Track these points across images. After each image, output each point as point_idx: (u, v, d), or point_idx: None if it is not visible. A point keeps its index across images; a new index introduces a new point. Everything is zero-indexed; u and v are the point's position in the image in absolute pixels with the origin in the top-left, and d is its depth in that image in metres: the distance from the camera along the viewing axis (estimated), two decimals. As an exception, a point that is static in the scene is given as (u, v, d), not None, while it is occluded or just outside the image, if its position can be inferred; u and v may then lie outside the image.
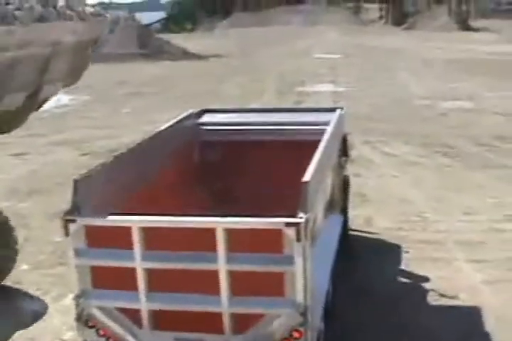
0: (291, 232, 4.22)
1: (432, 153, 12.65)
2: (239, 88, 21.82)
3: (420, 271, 7.34)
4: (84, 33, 5.59)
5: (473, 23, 52.37)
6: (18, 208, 9.64)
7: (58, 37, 5.23)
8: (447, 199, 9.81)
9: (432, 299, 6.75)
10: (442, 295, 6.79)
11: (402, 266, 7.57)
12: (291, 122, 7.66)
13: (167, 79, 25.13)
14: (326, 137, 5.97)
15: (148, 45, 36.80)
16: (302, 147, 6.14)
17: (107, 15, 5.88)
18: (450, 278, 7.20)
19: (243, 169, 7.38)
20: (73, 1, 5.28)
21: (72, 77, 5.95)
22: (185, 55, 35.34)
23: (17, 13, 4.65)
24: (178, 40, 40.50)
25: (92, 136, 14.58)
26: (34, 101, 5.56)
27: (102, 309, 4.68)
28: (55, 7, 5.05)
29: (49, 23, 4.99)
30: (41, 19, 4.86)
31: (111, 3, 57.30)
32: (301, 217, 4.27)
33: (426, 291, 6.90)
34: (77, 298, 4.69)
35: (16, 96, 5.24)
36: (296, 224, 4.22)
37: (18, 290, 6.84)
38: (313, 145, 5.61)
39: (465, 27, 51.50)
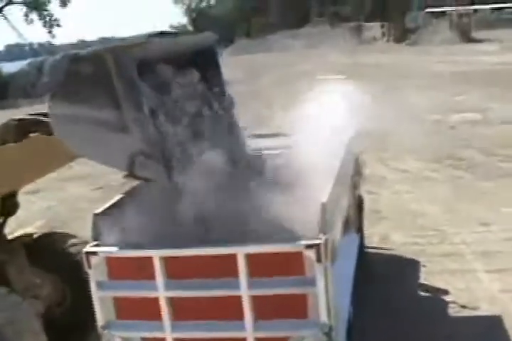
0: (311, 254, 4.26)
1: (443, 167, 12.66)
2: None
3: (438, 284, 7.38)
4: None
5: (476, 34, 52.23)
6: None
7: None
8: (461, 211, 9.81)
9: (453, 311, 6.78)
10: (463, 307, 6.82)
11: (421, 280, 7.58)
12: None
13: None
14: (341, 158, 6.01)
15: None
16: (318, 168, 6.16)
17: None
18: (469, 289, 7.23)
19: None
20: None
21: None
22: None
23: None
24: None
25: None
26: None
27: (127, 340, 4.74)
28: None
29: None
30: None
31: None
32: (320, 238, 4.32)
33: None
34: (102, 329, 4.74)
35: None
36: (316, 246, 4.26)
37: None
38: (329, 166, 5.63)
39: (467, 39, 51.35)
